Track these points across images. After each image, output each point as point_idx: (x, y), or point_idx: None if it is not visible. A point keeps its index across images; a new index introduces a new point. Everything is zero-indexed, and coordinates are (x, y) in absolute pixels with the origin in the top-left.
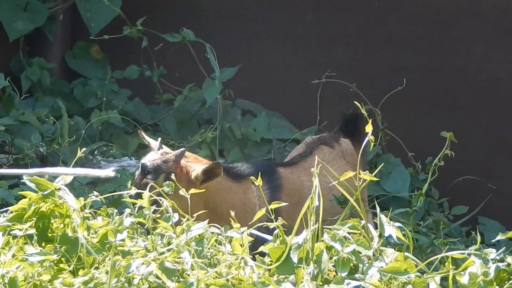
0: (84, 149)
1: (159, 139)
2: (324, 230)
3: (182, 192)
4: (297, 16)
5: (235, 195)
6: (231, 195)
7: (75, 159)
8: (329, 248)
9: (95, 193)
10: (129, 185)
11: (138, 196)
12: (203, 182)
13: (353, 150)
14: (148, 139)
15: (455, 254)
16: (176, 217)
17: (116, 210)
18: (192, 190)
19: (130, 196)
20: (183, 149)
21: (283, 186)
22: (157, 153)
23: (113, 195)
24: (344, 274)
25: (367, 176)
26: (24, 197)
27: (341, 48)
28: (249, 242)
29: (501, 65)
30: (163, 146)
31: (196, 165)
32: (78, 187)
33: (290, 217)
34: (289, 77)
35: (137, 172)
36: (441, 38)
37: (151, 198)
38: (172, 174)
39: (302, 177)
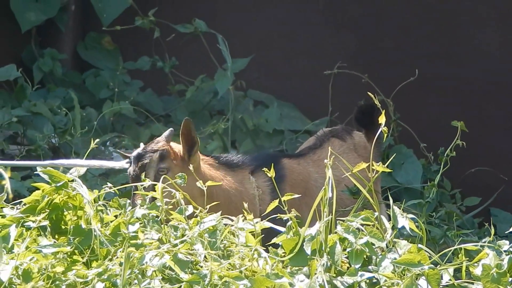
0: (97, 140)
1: (141, 144)
2: (338, 221)
3: (199, 184)
4: (308, 5)
5: (230, 184)
6: (226, 182)
7: (88, 151)
8: (342, 240)
9: (109, 184)
10: (142, 177)
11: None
12: (190, 155)
13: (366, 143)
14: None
15: (469, 246)
16: (190, 209)
17: (129, 201)
18: (209, 183)
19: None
20: (171, 129)
21: (286, 177)
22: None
23: (125, 187)
24: (357, 266)
25: (379, 167)
26: (37, 188)
27: (353, 38)
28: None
29: None
30: None
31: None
32: (91, 178)
33: (296, 208)
34: (301, 67)
35: (130, 167)
36: (453, 27)
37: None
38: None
39: (309, 168)
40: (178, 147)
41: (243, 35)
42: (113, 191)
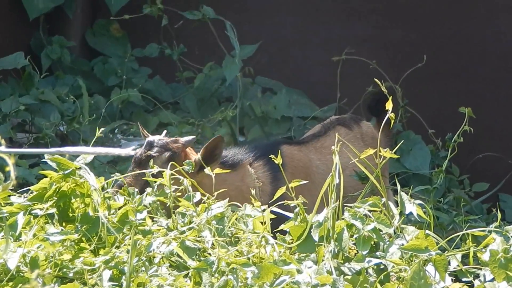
0: (103, 129)
1: (164, 131)
2: (345, 208)
3: (208, 171)
4: None
5: (230, 185)
6: (226, 186)
7: (94, 139)
8: (349, 226)
9: (117, 173)
10: (151, 163)
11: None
12: (200, 169)
13: (374, 133)
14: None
15: (476, 231)
16: (198, 196)
17: (137, 190)
18: (217, 170)
19: (152, 175)
20: (193, 137)
21: (286, 164)
22: (163, 137)
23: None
24: (365, 252)
25: (387, 153)
26: (45, 176)
27: (361, 25)
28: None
29: None
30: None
31: (195, 156)
32: (99, 166)
33: (297, 194)
34: (309, 54)
35: (140, 149)
36: (460, 13)
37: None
38: (176, 155)
39: (311, 155)
40: (189, 153)
41: (251, 22)
42: (121, 179)
